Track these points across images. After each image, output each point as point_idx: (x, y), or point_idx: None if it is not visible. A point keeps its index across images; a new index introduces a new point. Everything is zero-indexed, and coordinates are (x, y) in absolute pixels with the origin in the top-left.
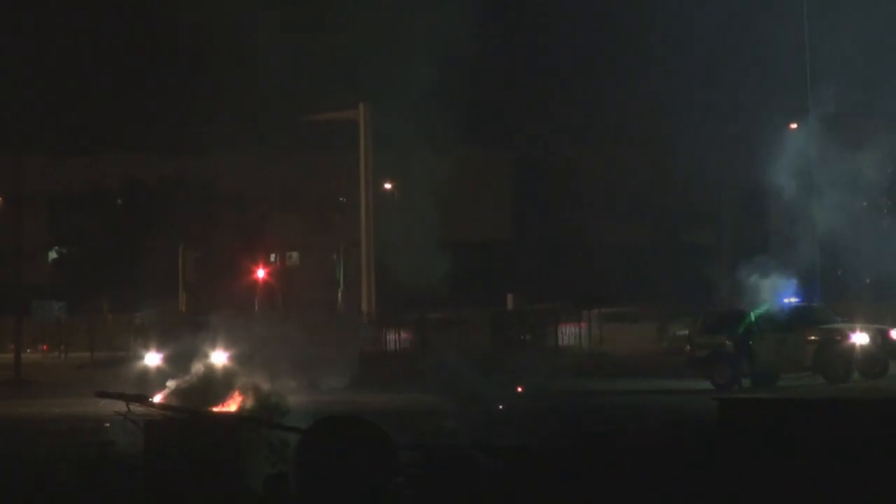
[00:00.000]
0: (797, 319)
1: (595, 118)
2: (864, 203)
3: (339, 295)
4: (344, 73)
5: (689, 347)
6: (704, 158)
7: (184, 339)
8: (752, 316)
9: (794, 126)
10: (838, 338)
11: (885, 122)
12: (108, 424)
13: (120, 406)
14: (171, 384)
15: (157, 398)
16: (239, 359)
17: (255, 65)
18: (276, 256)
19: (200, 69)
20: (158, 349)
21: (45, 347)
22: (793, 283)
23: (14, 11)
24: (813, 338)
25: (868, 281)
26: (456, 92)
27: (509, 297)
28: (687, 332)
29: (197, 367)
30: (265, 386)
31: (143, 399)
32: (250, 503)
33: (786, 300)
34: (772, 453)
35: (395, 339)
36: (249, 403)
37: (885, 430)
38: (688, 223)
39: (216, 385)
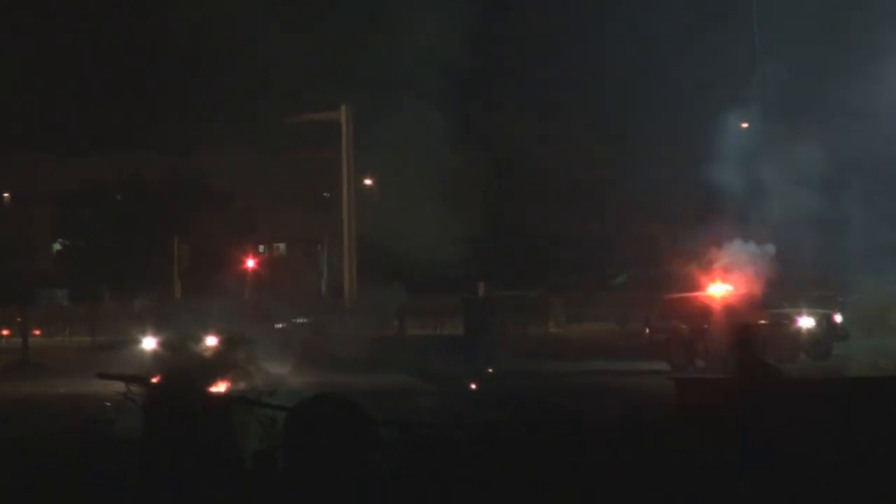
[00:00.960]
0: (748, 305)
1: (560, 117)
2: (814, 195)
3: (323, 284)
4: (328, 71)
5: (647, 331)
6: (659, 155)
7: (180, 324)
8: (706, 301)
9: (745, 125)
10: (786, 322)
11: (834, 119)
12: (108, 404)
13: (119, 386)
14: (166, 365)
15: (154, 379)
16: (231, 342)
17: (246, 64)
18: (264, 247)
19: (193, 69)
20: (155, 333)
21: (37, 332)
22: (743, 271)
23: (14, 12)
24: (762, 322)
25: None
26: (435, 91)
27: (480, 285)
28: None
29: (191, 350)
30: (255, 367)
31: (141, 380)
32: (240, 477)
33: (737, 286)
34: (725, 430)
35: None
36: (239, 383)
37: (828, 408)
38: (645, 216)
39: (209, 366)
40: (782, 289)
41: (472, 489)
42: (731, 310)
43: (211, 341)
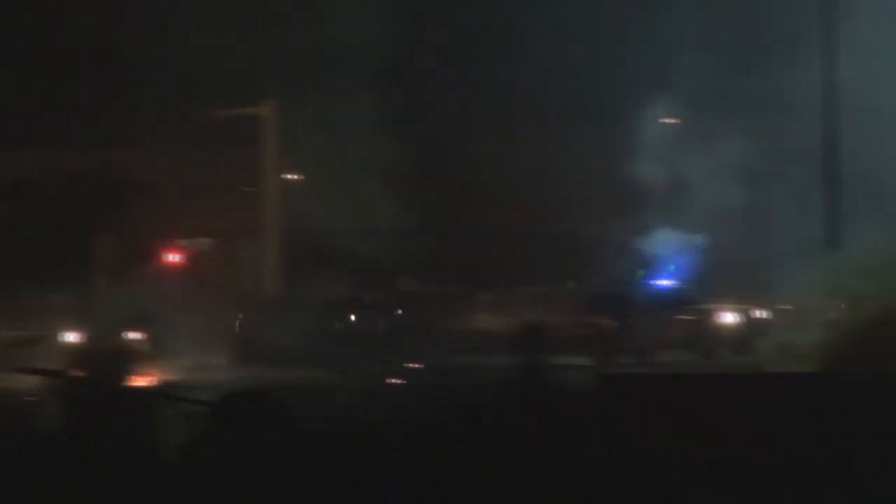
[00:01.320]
0: (671, 300)
1: (486, 112)
2: (740, 189)
3: (247, 278)
4: (259, 66)
5: (571, 326)
6: (585, 150)
7: (101, 318)
8: (630, 296)
9: (668, 120)
10: (708, 317)
11: (757, 112)
12: (29, 399)
13: (41, 381)
14: (87, 360)
15: (76, 373)
16: (155, 337)
17: (173, 58)
18: (190, 241)
19: (121, 64)
20: (76, 328)
21: None
22: (668, 267)
23: None
24: (685, 317)
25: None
26: (362, 85)
27: (405, 280)
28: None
29: (114, 345)
30: (177, 362)
31: (63, 374)
32: (162, 473)
33: (661, 282)
34: (648, 422)
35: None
36: (162, 378)
37: (750, 401)
38: (573, 212)
39: (132, 361)
40: (709, 283)
41: (389, 481)
42: (654, 304)
43: (134, 335)
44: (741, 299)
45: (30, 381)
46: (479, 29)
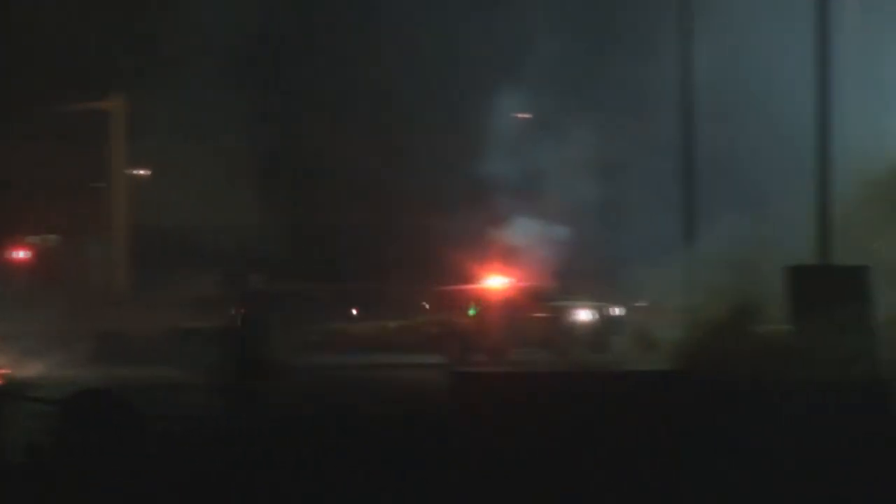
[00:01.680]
0: (527, 297)
1: (336, 105)
2: (591, 186)
3: (95, 275)
4: (105, 61)
5: (427, 323)
6: (438, 145)
7: None
8: (481, 293)
9: (523, 115)
10: (564, 315)
11: (608, 109)
12: None
13: None
14: None
15: None
16: (0, 335)
17: (19, 49)
18: (36, 238)
19: None
20: None
21: None
22: (526, 262)
23: None
24: (541, 315)
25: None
26: (210, 81)
27: (252, 278)
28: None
29: None
30: (24, 361)
31: None
32: (10, 473)
33: (516, 279)
34: (501, 420)
35: (149, 317)
36: (8, 376)
37: (604, 399)
38: (426, 208)
39: None
40: (564, 280)
41: (235, 479)
42: (506, 301)
43: None
44: (597, 296)
45: None
46: (330, 23)
